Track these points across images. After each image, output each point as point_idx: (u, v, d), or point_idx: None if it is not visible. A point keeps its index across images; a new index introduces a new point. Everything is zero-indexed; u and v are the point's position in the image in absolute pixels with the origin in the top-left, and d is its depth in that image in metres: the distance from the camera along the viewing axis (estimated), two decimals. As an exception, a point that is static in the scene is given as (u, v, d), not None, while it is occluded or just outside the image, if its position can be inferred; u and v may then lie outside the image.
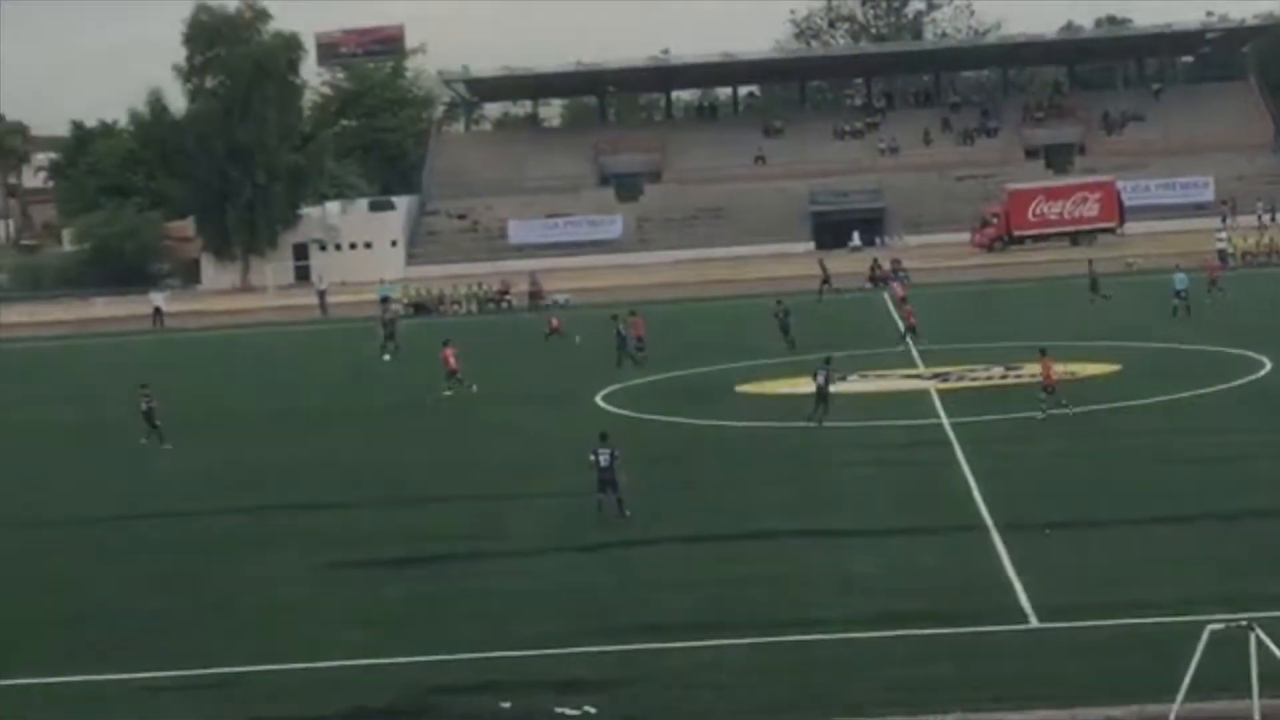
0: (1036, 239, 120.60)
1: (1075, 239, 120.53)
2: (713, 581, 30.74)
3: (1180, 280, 70.04)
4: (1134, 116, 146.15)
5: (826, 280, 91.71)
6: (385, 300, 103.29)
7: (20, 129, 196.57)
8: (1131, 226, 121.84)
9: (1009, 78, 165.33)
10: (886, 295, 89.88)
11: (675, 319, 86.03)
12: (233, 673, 26.72)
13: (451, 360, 59.59)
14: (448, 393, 58.50)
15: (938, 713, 22.79)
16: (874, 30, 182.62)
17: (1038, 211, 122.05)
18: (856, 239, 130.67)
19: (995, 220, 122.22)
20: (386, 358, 70.25)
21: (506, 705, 24.14)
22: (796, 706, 23.52)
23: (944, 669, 24.78)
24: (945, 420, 46.49)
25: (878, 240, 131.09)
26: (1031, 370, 55.40)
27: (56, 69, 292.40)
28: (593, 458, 35.81)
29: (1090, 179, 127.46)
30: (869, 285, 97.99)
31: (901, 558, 31.80)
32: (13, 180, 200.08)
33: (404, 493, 41.71)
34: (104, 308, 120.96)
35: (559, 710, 23.74)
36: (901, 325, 65.69)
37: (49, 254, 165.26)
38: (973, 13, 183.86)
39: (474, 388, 58.68)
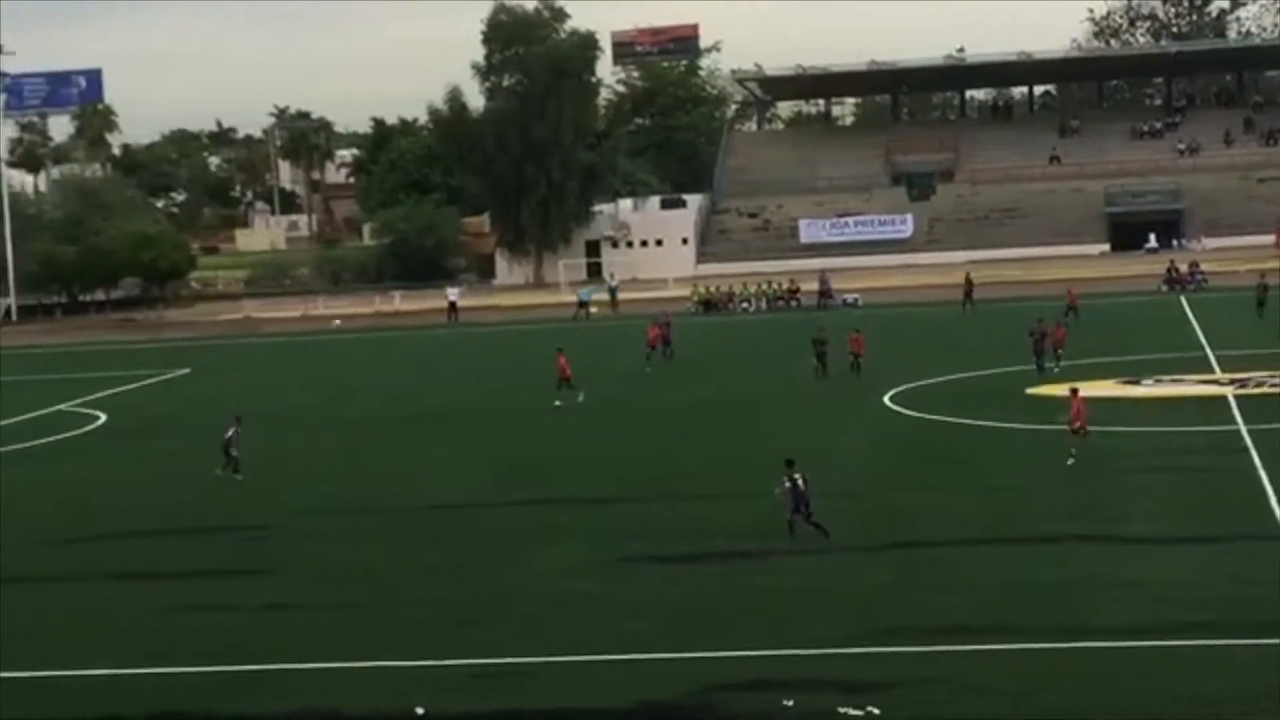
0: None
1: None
2: (997, 585, 30.51)
3: None
4: None
5: (969, 294, 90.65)
6: (584, 304, 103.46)
7: (324, 125, 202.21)
8: None
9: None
10: (1183, 299, 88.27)
11: (966, 320, 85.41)
12: (521, 663, 27.20)
13: (566, 369, 59.82)
14: (558, 403, 58.94)
15: (1225, 726, 22.43)
16: (1175, 29, 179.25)
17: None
18: (1153, 241, 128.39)
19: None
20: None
21: (789, 704, 24.22)
22: (1079, 714, 23.26)
23: (1232, 681, 24.30)
24: (1243, 427, 45.49)
25: (1175, 243, 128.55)
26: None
27: (359, 67, 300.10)
28: (786, 485, 34.62)
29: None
30: (1164, 289, 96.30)
31: (1192, 566, 31.25)
32: (316, 176, 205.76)
33: (688, 489, 42.03)
34: (401, 301, 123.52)
35: (842, 710, 23.72)
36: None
37: (349, 248, 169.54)
38: (1279, 10, 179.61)
39: (581, 397, 59.27)
